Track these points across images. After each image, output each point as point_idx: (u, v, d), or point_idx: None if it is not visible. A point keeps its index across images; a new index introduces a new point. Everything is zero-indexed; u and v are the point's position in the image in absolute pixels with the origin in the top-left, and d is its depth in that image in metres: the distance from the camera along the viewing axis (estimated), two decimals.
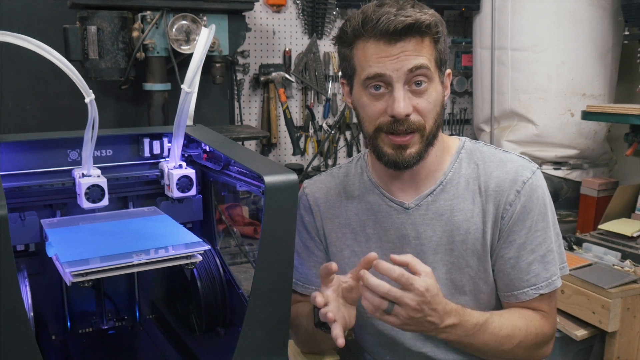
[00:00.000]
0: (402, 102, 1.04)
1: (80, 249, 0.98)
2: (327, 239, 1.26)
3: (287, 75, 3.00)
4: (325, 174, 1.31)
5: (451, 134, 3.48)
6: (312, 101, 3.16)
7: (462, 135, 1.27)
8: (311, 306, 1.13)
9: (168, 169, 1.23)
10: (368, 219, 1.21)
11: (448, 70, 1.14)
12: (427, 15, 1.04)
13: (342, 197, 1.25)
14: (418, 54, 1.04)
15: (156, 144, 1.30)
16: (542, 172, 1.20)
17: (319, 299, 1.00)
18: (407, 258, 0.97)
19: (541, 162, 2.88)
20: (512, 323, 1.10)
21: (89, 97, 1.01)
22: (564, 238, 2.37)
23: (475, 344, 1.07)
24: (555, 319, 1.19)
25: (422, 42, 1.04)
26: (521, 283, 1.13)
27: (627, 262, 2.16)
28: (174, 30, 2.21)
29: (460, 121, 3.51)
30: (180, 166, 1.23)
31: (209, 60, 2.37)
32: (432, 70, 1.06)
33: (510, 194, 1.12)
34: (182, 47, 2.23)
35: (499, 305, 1.20)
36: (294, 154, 3.11)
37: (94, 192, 1.13)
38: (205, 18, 2.27)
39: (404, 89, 1.05)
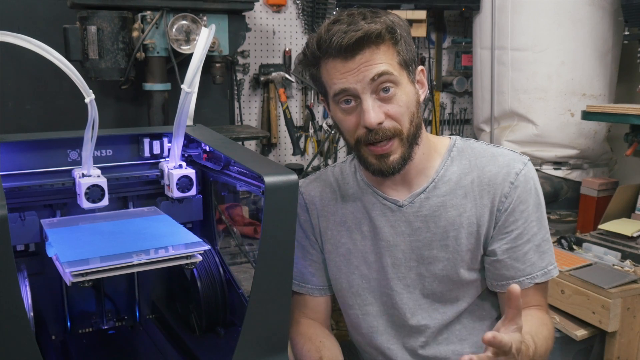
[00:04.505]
0: (372, 112, 1.06)
1: (80, 249, 0.98)
2: (322, 236, 1.27)
3: (287, 75, 3.00)
4: (320, 173, 1.32)
5: (451, 134, 3.48)
6: (312, 101, 3.16)
7: (463, 135, 1.28)
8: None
9: (168, 169, 1.23)
10: (363, 217, 1.22)
11: (420, 67, 1.15)
12: (378, 24, 1.05)
13: (337, 195, 1.26)
14: (377, 62, 1.05)
15: (156, 144, 1.30)
16: (542, 172, 1.21)
17: None
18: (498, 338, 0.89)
19: (541, 162, 2.87)
20: (543, 335, 1.11)
21: (89, 97, 1.02)
22: (564, 238, 2.37)
23: None
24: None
25: (378, 50, 1.06)
26: (517, 272, 1.15)
27: (627, 262, 2.16)
28: (174, 30, 2.21)
29: (460, 121, 3.51)
30: (180, 166, 1.23)
31: (209, 60, 2.37)
32: (397, 73, 1.07)
33: (505, 187, 1.14)
34: (182, 47, 2.23)
35: (481, 294, 1.21)
36: (294, 154, 3.11)
37: (94, 192, 1.13)
38: (205, 18, 2.27)
39: (372, 99, 1.07)
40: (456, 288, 1.19)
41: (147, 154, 1.29)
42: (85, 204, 1.13)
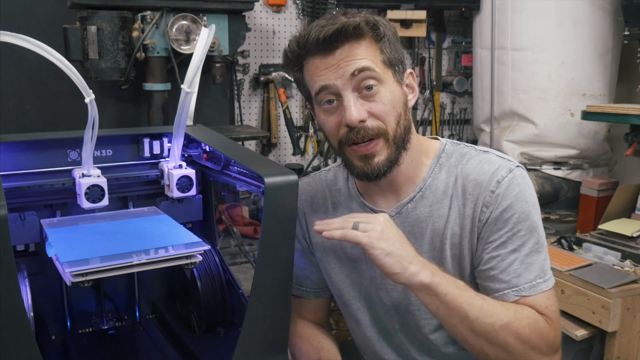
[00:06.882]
0: (354, 108, 1.02)
1: (80, 249, 0.98)
2: (312, 243, 1.25)
3: (287, 75, 3.00)
4: (313, 176, 1.29)
5: (451, 134, 3.49)
6: None
7: (463, 135, 1.26)
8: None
9: (168, 169, 1.23)
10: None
11: (409, 70, 1.12)
12: (358, 18, 1.03)
13: (328, 202, 1.23)
14: (357, 58, 1.03)
15: (156, 144, 1.30)
16: (542, 172, 1.17)
17: None
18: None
19: (541, 162, 2.87)
20: (497, 302, 1.03)
21: (89, 97, 1.01)
22: (564, 238, 2.37)
23: (460, 301, 0.98)
24: (558, 326, 1.10)
25: (359, 45, 1.03)
26: (501, 284, 1.06)
27: (627, 262, 2.16)
28: (174, 30, 2.21)
29: (460, 121, 3.51)
30: (180, 166, 1.23)
31: (209, 60, 2.37)
32: (381, 71, 1.04)
33: (486, 196, 1.07)
34: (182, 47, 2.23)
35: None
36: (294, 154, 3.11)
37: (94, 192, 1.13)
38: (205, 18, 2.27)
39: (353, 96, 1.04)
40: None
41: (147, 154, 1.29)
42: (85, 204, 1.13)
